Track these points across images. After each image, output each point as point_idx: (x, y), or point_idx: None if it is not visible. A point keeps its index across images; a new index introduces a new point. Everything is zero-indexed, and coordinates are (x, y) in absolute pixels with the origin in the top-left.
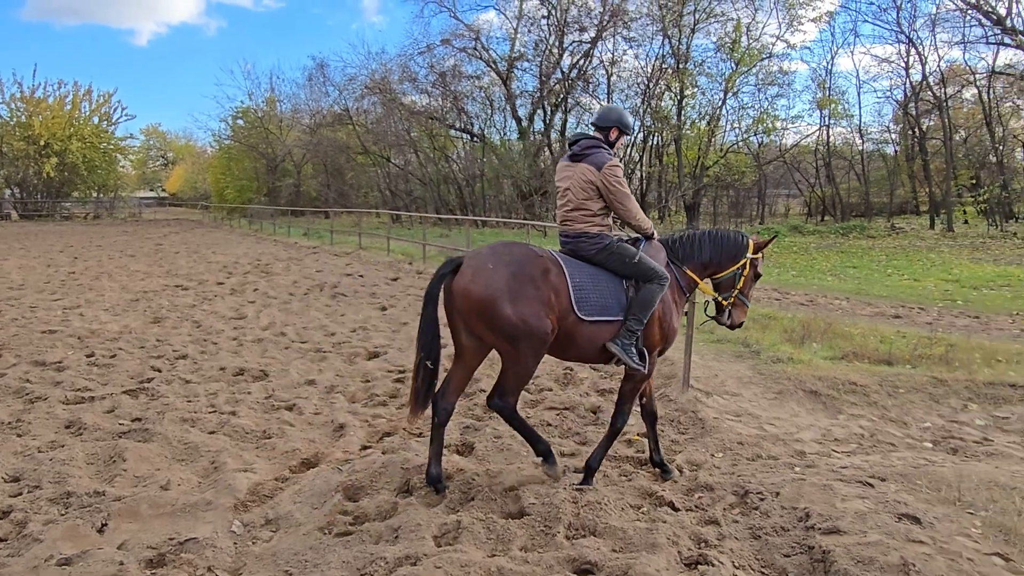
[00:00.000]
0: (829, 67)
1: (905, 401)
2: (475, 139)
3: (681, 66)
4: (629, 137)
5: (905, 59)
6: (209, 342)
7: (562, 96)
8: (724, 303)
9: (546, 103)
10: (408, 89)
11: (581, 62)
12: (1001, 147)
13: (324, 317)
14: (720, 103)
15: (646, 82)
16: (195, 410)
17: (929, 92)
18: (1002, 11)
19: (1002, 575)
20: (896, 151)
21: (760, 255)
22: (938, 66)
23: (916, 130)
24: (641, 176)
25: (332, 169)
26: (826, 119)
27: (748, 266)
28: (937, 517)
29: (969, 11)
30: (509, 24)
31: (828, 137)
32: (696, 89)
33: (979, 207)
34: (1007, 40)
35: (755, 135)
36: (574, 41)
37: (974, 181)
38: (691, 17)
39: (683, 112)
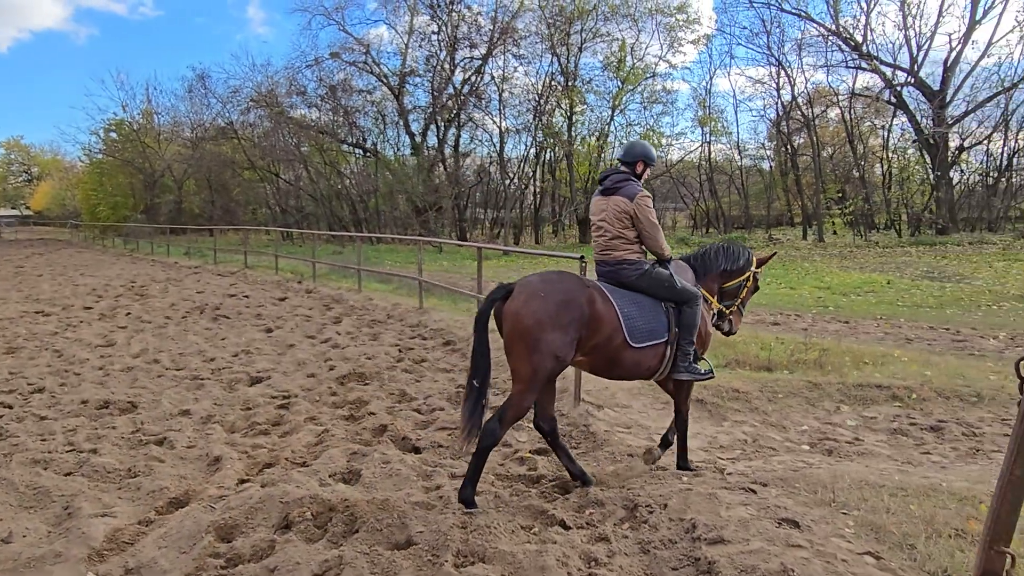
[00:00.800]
0: (708, 87)
1: (784, 406)
2: (368, 154)
3: (570, 83)
4: (654, 168)
5: (776, 80)
6: (71, 373)
7: (455, 111)
8: (727, 312)
9: (439, 118)
10: (297, 102)
11: (473, 78)
12: (863, 163)
13: (203, 341)
14: (608, 120)
15: (537, 99)
16: (49, 450)
17: (798, 111)
18: (859, 38)
19: (872, 572)
20: (771, 166)
21: (760, 269)
22: (805, 87)
23: (788, 147)
24: (535, 191)
25: (216, 185)
26: (707, 136)
27: (751, 279)
28: (814, 520)
29: (830, 37)
30: (400, 39)
31: (709, 153)
32: (585, 106)
33: (845, 219)
34: (864, 65)
35: None
36: (465, 57)
37: (840, 194)
38: (578, 36)
39: (573, 128)
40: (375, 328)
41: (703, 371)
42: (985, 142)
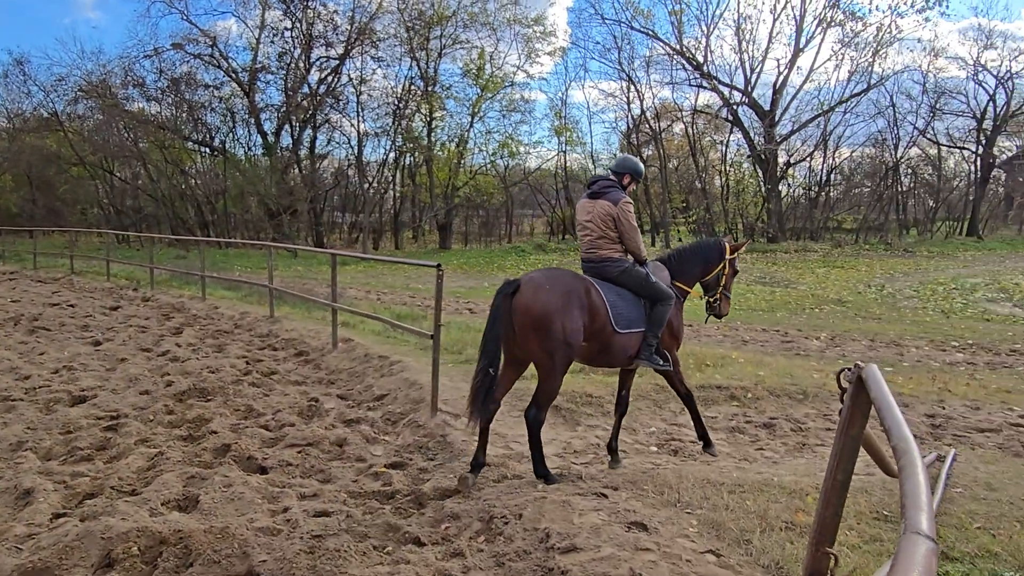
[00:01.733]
0: (564, 98)
1: (634, 409)
2: (216, 153)
3: (430, 89)
4: (639, 183)
5: (627, 95)
6: None
7: (311, 112)
8: (711, 301)
9: (294, 118)
10: (134, 95)
11: (329, 78)
12: (704, 175)
13: (17, 357)
14: (468, 126)
15: (396, 102)
16: None
17: (647, 125)
18: (700, 59)
19: (714, 571)
20: None
21: (735, 255)
22: (653, 102)
23: (637, 158)
24: (395, 196)
25: (38, 181)
26: (563, 145)
27: (727, 266)
28: (661, 521)
29: (675, 57)
30: (251, 33)
31: (565, 162)
32: (445, 112)
33: (689, 227)
34: (704, 84)
35: (501, 158)
36: (321, 56)
37: (685, 204)
38: (438, 42)
39: (433, 134)
40: (220, 339)
41: (662, 362)
42: (808, 159)
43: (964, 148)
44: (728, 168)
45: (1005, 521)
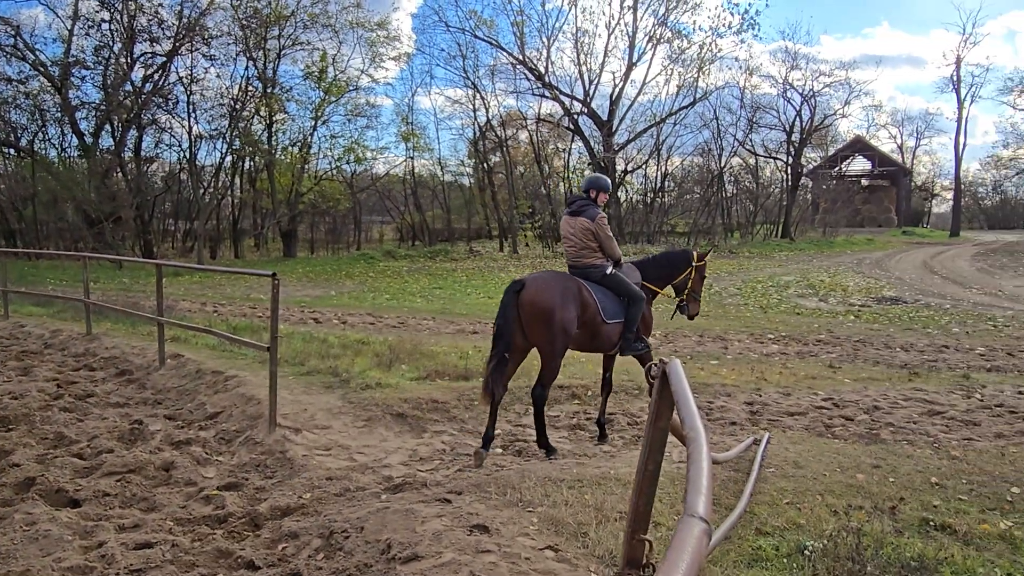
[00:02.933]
0: (411, 104)
1: (480, 412)
2: (23, 154)
3: (269, 90)
4: (608, 194)
5: (473, 102)
6: None
7: (135, 111)
8: (680, 301)
9: (115, 118)
10: None
11: (156, 76)
12: (549, 181)
13: None
14: (311, 130)
15: (232, 103)
16: None
17: (493, 132)
18: (542, 69)
19: (551, 566)
20: (471, 183)
21: (703, 262)
22: (499, 110)
23: (485, 165)
24: (234, 202)
25: None
26: (411, 151)
27: (695, 272)
28: (503, 522)
29: (518, 67)
30: (62, 24)
31: (413, 168)
32: (286, 115)
33: (535, 232)
34: (546, 93)
35: (347, 163)
36: (146, 52)
37: (531, 210)
38: (276, 42)
39: (274, 137)
40: (26, 360)
41: (641, 347)
42: (643, 167)
43: (777, 158)
44: (571, 175)
45: (809, 495)
